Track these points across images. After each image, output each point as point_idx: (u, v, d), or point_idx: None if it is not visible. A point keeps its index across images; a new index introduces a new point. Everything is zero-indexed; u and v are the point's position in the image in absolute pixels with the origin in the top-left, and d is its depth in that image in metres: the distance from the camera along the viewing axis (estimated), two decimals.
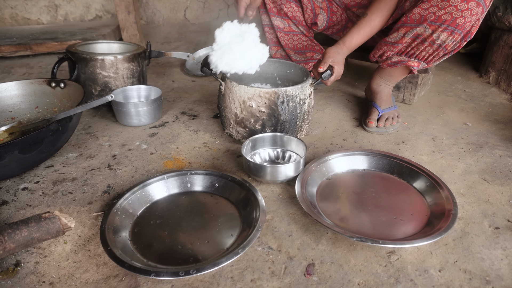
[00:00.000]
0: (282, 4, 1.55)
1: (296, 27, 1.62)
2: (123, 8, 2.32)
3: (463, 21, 1.09)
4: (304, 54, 1.68)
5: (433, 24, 1.13)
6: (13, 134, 1.15)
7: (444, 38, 1.15)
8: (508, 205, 0.98)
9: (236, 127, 1.20)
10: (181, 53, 1.79)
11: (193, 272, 0.71)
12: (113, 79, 1.44)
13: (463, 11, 1.06)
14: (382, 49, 1.31)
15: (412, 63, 1.27)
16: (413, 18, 1.16)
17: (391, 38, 1.26)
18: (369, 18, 1.25)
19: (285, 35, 1.64)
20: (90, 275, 0.77)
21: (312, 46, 1.67)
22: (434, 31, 1.14)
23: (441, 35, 1.14)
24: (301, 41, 1.66)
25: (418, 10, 1.14)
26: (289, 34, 1.64)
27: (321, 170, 1.07)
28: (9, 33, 2.55)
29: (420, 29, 1.16)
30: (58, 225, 0.80)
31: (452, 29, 1.12)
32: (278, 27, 1.62)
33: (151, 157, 1.20)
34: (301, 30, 1.63)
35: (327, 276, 0.77)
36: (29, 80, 1.33)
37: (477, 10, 1.06)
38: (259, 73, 1.40)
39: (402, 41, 1.23)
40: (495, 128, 1.40)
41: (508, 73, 1.73)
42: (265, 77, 1.41)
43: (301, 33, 1.64)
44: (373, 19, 1.25)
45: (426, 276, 0.77)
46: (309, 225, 0.91)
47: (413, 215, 0.92)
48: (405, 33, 1.20)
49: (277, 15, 1.60)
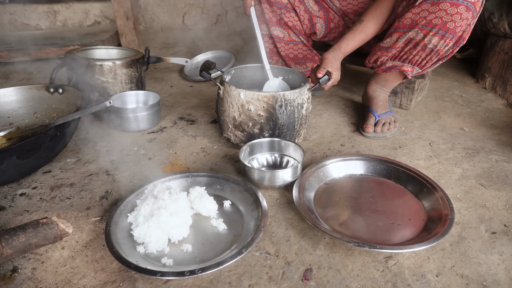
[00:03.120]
0: (282, 14, 1.53)
1: (297, 37, 1.60)
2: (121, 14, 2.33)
3: (453, 25, 1.11)
4: (305, 64, 1.67)
5: (424, 28, 1.15)
6: (11, 140, 1.14)
7: (436, 42, 1.17)
8: (505, 210, 0.99)
9: (234, 131, 1.21)
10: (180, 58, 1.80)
11: (198, 271, 0.71)
12: (112, 84, 1.44)
13: (453, 15, 1.09)
14: (377, 55, 1.33)
15: (406, 68, 1.29)
16: (405, 23, 1.19)
17: (385, 43, 1.28)
18: (364, 24, 1.29)
19: (285, 45, 1.62)
20: (88, 281, 0.77)
21: (312, 56, 1.66)
22: (426, 35, 1.16)
23: (433, 39, 1.16)
24: (302, 51, 1.64)
25: (410, 15, 1.16)
26: (289, 43, 1.62)
27: (318, 175, 1.07)
28: (8, 39, 2.56)
29: (412, 33, 1.18)
30: (56, 230, 0.80)
31: (443, 33, 1.14)
32: (277, 37, 1.59)
33: (149, 162, 1.20)
34: (302, 40, 1.61)
35: (325, 281, 0.77)
36: (28, 86, 1.33)
37: (467, 14, 1.08)
38: (256, 79, 1.41)
39: (395, 46, 1.25)
40: (491, 133, 1.41)
41: (504, 79, 1.74)
42: (262, 83, 1.41)
43: (301, 42, 1.62)
44: (368, 26, 1.29)
45: (423, 281, 0.77)
46: (307, 230, 0.91)
47: (410, 220, 0.93)
48: (398, 38, 1.23)
49: (277, 25, 1.57)
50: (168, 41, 2.92)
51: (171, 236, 0.85)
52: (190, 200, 0.94)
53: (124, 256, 0.76)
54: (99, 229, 0.91)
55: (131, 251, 0.81)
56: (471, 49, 2.23)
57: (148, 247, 0.82)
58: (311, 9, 1.53)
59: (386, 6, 1.27)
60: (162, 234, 0.83)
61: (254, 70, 1.41)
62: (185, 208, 0.89)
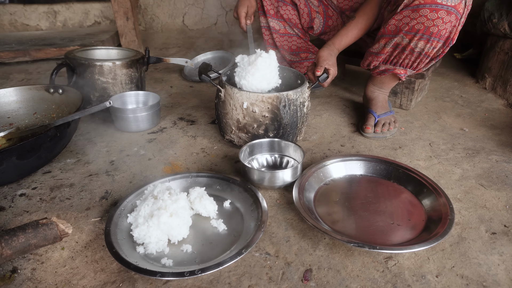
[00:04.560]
0: (279, 6, 1.60)
1: (292, 29, 1.67)
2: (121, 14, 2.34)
3: (436, 29, 1.11)
4: (298, 55, 1.72)
5: (408, 33, 1.16)
6: (11, 140, 1.15)
7: (422, 46, 1.18)
8: (505, 210, 0.99)
9: (238, 133, 1.21)
10: (180, 59, 1.79)
11: (198, 272, 0.71)
12: (112, 85, 1.44)
13: (434, 20, 1.09)
14: (369, 59, 1.37)
15: (398, 70, 1.31)
16: (390, 29, 1.21)
17: (374, 48, 1.31)
18: (357, 21, 1.31)
19: (280, 37, 1.69)
20: (87, 282, 0.77)
21: (306, 47, 1.72)
22: (411, 40, 1.18)
23: (419, 44, 1.18)
24: (296, 43, 1.71)
25: (393, 22, 1.18)
26: (284, 36, 1.68)
27: (318, 175, 1.07)
28: (8, 39, 2.56)
29: (398, 38, 1.20)
30: (56, 231, 0.80)
31: (427, 37, 1.15)
32: (274, 28, 1.66)
33: (149, 163, 1.20)
34: (296, 32, 1.68)
35: (325, 281, 0.77)
36: (28, 86, 1.33)
37: (449, 18, 1.08)
38: None
39: (384, 51, 1.27)
40: (491, 134, 1.41)
41: (504, 79, 1.74)
42: None
43: (296, 35, 1.69)
44: (360, 22, 1.31)
45: (423, 281, 0.77)
46: (307, 230, 0.91)
47: (410, 220, 0.92)
48: (385, 43, 1.25)
49: (274, 17, 1.64)
50: (168, 42, 2.92)
51: (171, 237, 0.85)
52: (190, 201, 0.94)
53: (124, 257, 0.76)
54: (99, 229, 0.91)
55: (131, 252, 0.81)
56: (471, 49, 2.23)
57: (148, 248, 0.82)
58: (311, 3, 1.58)
59: (375, 2, 1.30)
60: (162, 235, 0.83)
61: None
62: (185, 209, 0.89)
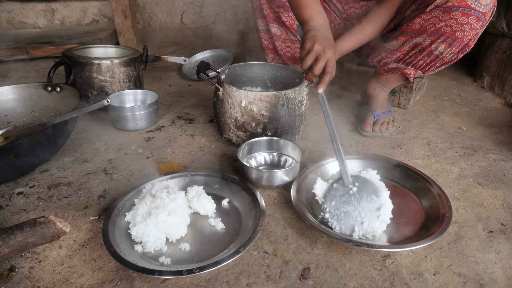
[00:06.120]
0: (280, 12, 1.51)
1: (294, 36, 1.58)
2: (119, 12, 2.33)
3: (462, 34, 1.11)
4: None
5: (433, 35, 1.15)
6: (9, 139, 1.14)
7: (442, 49, 1.17)
8: (502, 209, 0.99)
9: (236, 132, 1.21)
10: (178, 57, 1.79)
11: (196, 271, 0.71)
12: (110, 83, 1.44)
13: (463, 25, 1.08)
14: (381, 55, 1.33)
15: (408, 71, 1.30)
16: (413, 27, 1.19)
17: (390, 45, 1.28)
18: (363, 26, 1.29)
19: (282, 43, 1.60)
20: (85, 280, 0.77)
21: None
22: (433, 42, 1.16)
23: (440, 47, 1.17)
24: (298, 50, 1.61)
25: (419, 21, 1.16)
26: (286, 42, 1.59)
27: (317, 174, 1.07)
28: (5, 37, 2.55)
29: (420, 39, 1.18)
30: (53, 229, 0.80)
31: (450, 42, 1.14)
32: (275, 34, 1.57)
33: (147, 161, 1.20)
34: (299, 39, 1.58)
35: (323, 280, 0.77)
36: (25, 84, 1.33)
37: (476, 24, 1.08)
38: (249, 77, 1.41)
39: (401, 49, 1.25)
40: (489, 132, 1.41)
41: (502, 78, 1.75)
42: (255, 81, 1.42)
43: (298, 41, 1.59)
44: (366, 28, 1.29)
45: (421, 280, 0.77)
46: (305, 229, 0.91)
47: (408, 219, 0.93)
48: (405, 42, 1.23)
49: (275, 22, 1.55)
50: (167, 40, 2.91)
51: (169, 235, 0.85)
52: (188, 199, 0.94)
53: (122, 255, 0.76)
54: (97, 228, 0.91)
55: (129, 250, 0.81)
56: None
57: (146, 246, 0.82)
58: None
59: (386, 10, 1.28)
60: (160, 233, 0.83)
61: (247, 68, 1.40)
62: (183, 207, 0.89)
